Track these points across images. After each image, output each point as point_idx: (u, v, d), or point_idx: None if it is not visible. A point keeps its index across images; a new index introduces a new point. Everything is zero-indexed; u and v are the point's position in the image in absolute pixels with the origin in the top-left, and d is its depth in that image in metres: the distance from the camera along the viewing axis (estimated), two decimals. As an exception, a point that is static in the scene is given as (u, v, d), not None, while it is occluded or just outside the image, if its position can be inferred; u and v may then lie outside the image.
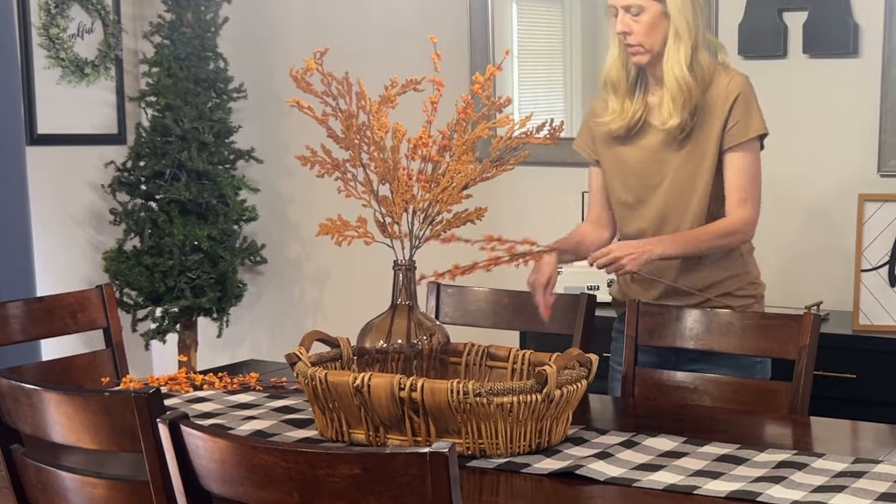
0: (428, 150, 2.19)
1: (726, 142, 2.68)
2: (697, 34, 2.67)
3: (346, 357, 2.37)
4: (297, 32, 4.48)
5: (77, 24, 4.43)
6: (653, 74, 2.73)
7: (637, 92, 2.75)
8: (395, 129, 2.22)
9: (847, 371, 3.18)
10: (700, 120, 2.68)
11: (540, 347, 2.48)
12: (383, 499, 1.41)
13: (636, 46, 2.67)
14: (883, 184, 3.49)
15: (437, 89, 2.21)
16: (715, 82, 2.68)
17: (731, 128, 2.67)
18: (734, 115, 2.66)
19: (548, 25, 4.31)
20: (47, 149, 4.36)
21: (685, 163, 2.71)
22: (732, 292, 2.75)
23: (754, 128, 2.68)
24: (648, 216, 2.75)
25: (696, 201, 2.71)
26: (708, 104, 2.67)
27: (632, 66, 2.73)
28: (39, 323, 2.79)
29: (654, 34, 2.66)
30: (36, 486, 1.96)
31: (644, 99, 2.75)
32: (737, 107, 2.66)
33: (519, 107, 4.15)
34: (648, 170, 2.74)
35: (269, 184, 4.60)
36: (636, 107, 2.74)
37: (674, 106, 2.66)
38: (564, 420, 2.15)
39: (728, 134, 2.67)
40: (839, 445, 2.24)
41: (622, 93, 2.74)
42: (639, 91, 2.75)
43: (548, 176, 4.01)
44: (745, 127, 2.67)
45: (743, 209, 2.68)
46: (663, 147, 2.72)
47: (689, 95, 2.65)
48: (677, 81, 2.64)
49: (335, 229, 2.23)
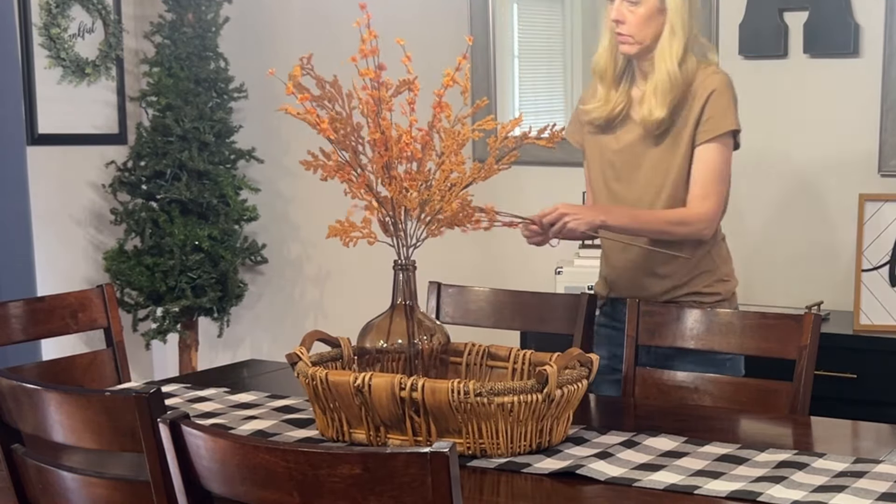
0: (412, 149, 2.19)
1: (698, 137, 2.70)
2: (690, 34, 2.70)
3: (346, 357, 2.37)
4: (297, 32, 4.49)
5: (78, 23, 4.43)
6: (639, 68, 2.76)
7: (622, 84, 2.77)
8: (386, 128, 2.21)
9: (847, 371, 3.18)
10: (677, 116, 2.71)
11: (540, 347, 2.48)
12: (384, 499, 1.41)
13: (626, 36, 2.69)
14: (883, 183, 3.49)
15: (412, 90, 2.21)
16: (695, 80, 2.70)
17: (704, 123, 2.69)
18: (707, 110, 2.68)
19: (548, 26, 4.31)
20: (48, 148, 4.36)
21: (660, 159, 2.74)
22: (700, 290, 2.76)
23: (726, 124, 2.69)
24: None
25: (665, 195, 2.73)
26: (686, 100, 2.70)
27: (620, 57, 2.76)
28: (40, 323, 2.79)
29: (647, 27, 2.68)
30: (37, 486, 1.96)
31: (628, 92, 2.78)
32: (711, 102, 2.68)
33: (519, 107, 4.16)
34: (624, 162, 2.77)
35: (269, 184, 4.60)
36: (619, 98, 2.76)
37: (658, 100, 2.68)
38: (565, 420, 2.15)
39: (700, 129, 2.69)
40: (840, 445, 2.24)
41: (608, 82, 2.77)
42: (624, 83, 2.78)
43: (548, 176, 4.01)
44: (717, 123, 2.69)
45: (702, 204, 2.70)
46: (640, 141, 2.75)
47: (676, 92, 2.67)
48: (668, 75, 2.67)
49: (343, 231, 2.23)
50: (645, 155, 2.75)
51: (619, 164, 2.78)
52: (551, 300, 2.92)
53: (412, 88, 2.21)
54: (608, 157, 2.80)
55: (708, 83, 2.69)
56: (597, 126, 2.81)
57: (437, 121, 2.23)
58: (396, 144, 2.18)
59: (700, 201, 2.70)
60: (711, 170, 2.70)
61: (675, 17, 2.67)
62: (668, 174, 2.72)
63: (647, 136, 2.74)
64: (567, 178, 3.93)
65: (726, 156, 2.72)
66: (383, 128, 2.18)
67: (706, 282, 2.77)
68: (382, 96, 2.19)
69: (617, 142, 2.79)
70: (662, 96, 2.67)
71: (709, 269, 2.78)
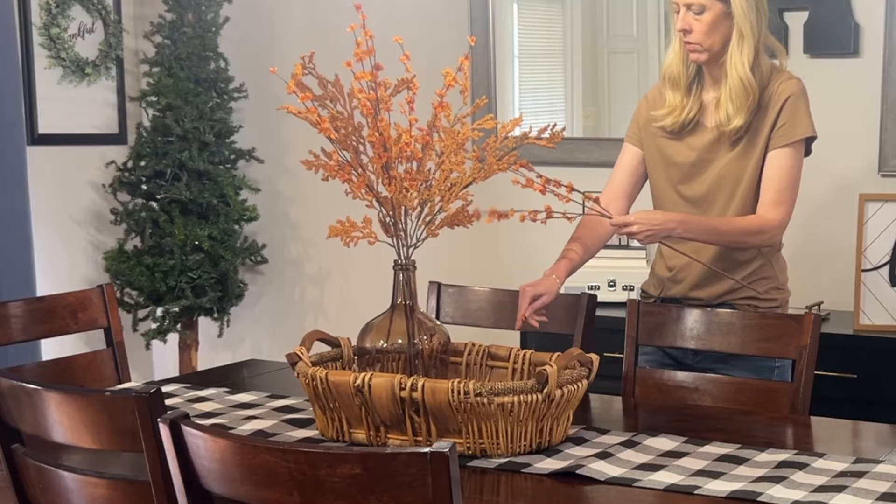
0: (412, 149, 2.19)
1: (772, 142, 2.66)
2: (760, 36, 2.66)
3: (346, 357, 2.37)
4: (297, 32, 4.48)
5: (78, 23, 4.43)
6: (710, 73, 2.72)
7: (694, 89, 2.75)
8: (384, 129, 2.21)
9: (848, 371, 3.18)
10: (753, 121, 2.67)
11: (541, 347, 2.48)
12: (384, 498, 1.41)
13: (694, 45, 2.66)
14: (884, 183, 3.49)
15: (411, 89, 2.21)
16: (770, 84, 2.67)
17: (779, 128, 2.66)
18: (783, 116, 2.65)
19: (548, 26, 4.31)
20: (48, 148, 4.36)
21: (733, 162, 2.70)
22: (758, 295, 2.74)
23: (801, 130, 2.66)
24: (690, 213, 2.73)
25: (739, 199, 2.70)
26: (761, 105, 2.67)
27: (691, 63, 2.73)
28: (40, 322, 2.79)
29: (714, 34, 2.65)
30: (37, 486, 1.96)
31: (699, 97, 2.75)
32: (786, 108, 2.65)
33: (519, 107, 4.16)
34: (693, 166, 2.74)
35: (269, 183, 4.60)
36: (692, 104, 2.73)
37: (735, 106, 2.65)
38: (565, 420, 2.15)
39: (775, 134, 2.66)
40: (840, 445, 2.24)
41: (682, 88, 2.74)
42: (695, 89, 2.75)
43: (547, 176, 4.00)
44: (792, 128, 2.66)
45: (775, 211, 2.66)
46: (714, 146, 2.72)
47: (753, 97, 2.64)
48: (741, 81, 2.63)
49: (343, 231, 2.23)
50: (716, 160, 2.71)
51: (687, 167, 2.74)
52: (551, 300, 2.91)
53: (411, 87, 2.21)
54: (676, 161, 2.76)
55: (783, 89, 2.66)
56: (668, 132, 2.77)
57: (438, 120, 2.22)
58: (396, 144, 2.18)
59: (773, 207, 2.66)
60: (785, 176, 2.66)
61: (742, 21, 2.62)
62: (741, 179, 2.69)
63: (722, 140, 2.70)
64: (567, 177, 3.92)
65: (799, 162, 2.69)
66: (381, 128, 2.18)
67: (764, 287, 2.74)
68: (381, 96, 2.19)
69: (688, 148, 2.74)
70: (738, 103, 2.64)
71: (767, 276, 2.75)
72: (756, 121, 2.67)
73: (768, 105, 2.67)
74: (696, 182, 2.74)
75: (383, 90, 2.19)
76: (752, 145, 2.69)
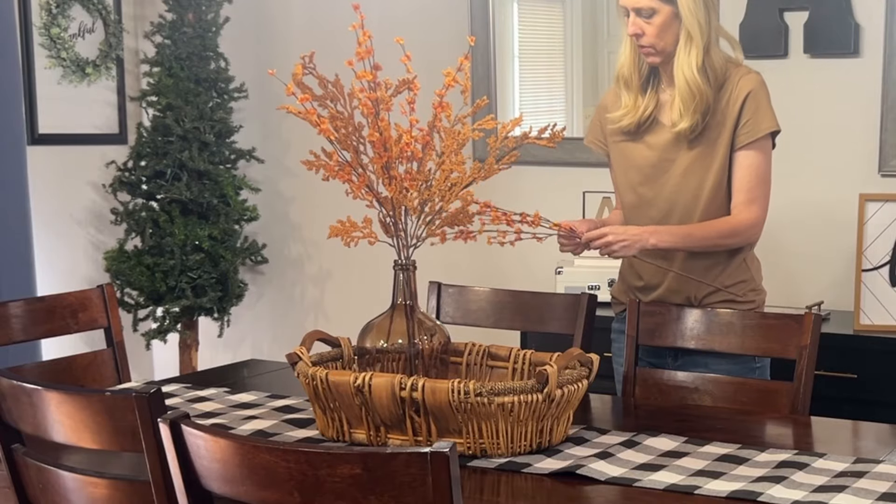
0: (413, 149, 2.19)
1: (737, 141, 2.66)
2: (710, 34, 2.65)
3: (346, 357, 2.37)
4: (297, 32, 4.49)
5: (78, 23, 4.43)
6: (665, 72, 2.72)
7: (649, 88, 2.74)
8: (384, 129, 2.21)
9: (848, 371, 3.18)
10: (711, 119, 2.66)
11: (541, 347, 2.48)
12: (384, 498, 1.41)
13: (648, 48, 2.66)
14: (884, 183, 3.49)
15: (412, 89, 2.21)
16: (727, 81, 2.66)
17: (742, 126, 2.65)
18: (745, 113, 2.64)
19: (548, 25, 4.31)
20: (48, 148, 4.36)
21: (695, 162, 2.69)
22: (736, 298, 2.73)
23: (765, 125, 2.65)
24: (654, 216, 2.73)
25: (703, 202, 2.68)
26: (720, 103, 2.66)
27: (644, 64, 2.72)
28: (40, 322, 2.80)
29: (666, 35, 2.64)
30: (37, 486, 1.96)
31: (656, 95, 2.74)
32: (747, 105, 2.64)
33: (520, 107, 4.16)
34: (655, 168, 2.73)
35: (270, 183, 4.60)
36: (647, 103, 2.72)
37: (684, 108, 2.64)
38: (565, 420, 2.15)
39: (739, 132, 2.65)
40: (840, 445, 2.24)
41: (634, 88, 2.73)
42: (651, 87, 2.74)
43: (548, 176, 4.01)
44: (756, 125, 2.65)
45: (748, 210, 2.66)
46: (672, 146, 2.70)
47: (700, 98, 2.63)
48: (687, 84, 2.63)
49: (344, 231, 2.23)
50: (677, 159, 2.70)
51: (647, 168, 2.73)
52: (551, 300, 2.92)
53: (412, 88, 2.21)
54: (636, 162, 2.75)
55: (743, 85, 2.64)
56: (625, 133, 2.76)
57: (438, 120, 2.23)
58: (397, 144, 2.18)
59: (746, 207, 2.65)
60: (754, 175, 2.66)
61: (689, 21, 2.61)
62: (707, 178, 2.68)
63: (680, 139, 2.69)
64: (567, 177, 3.94)
65: (767, 157, 2.69)
66: (381, 129, 2.18)
67: (741, 290, 2.73)
68: (381, 96, 2.19)
69: (647, 148, 2.74)
70: (685, 106, 2.63)
71: (744, 279, 2.74)
72: (714, 118, 2.66)
73: (729, 102, 2.65)
74: (657, 184, 2.73)
75: (384, 90, 2.19)
76: (715, 144, 2.67)
